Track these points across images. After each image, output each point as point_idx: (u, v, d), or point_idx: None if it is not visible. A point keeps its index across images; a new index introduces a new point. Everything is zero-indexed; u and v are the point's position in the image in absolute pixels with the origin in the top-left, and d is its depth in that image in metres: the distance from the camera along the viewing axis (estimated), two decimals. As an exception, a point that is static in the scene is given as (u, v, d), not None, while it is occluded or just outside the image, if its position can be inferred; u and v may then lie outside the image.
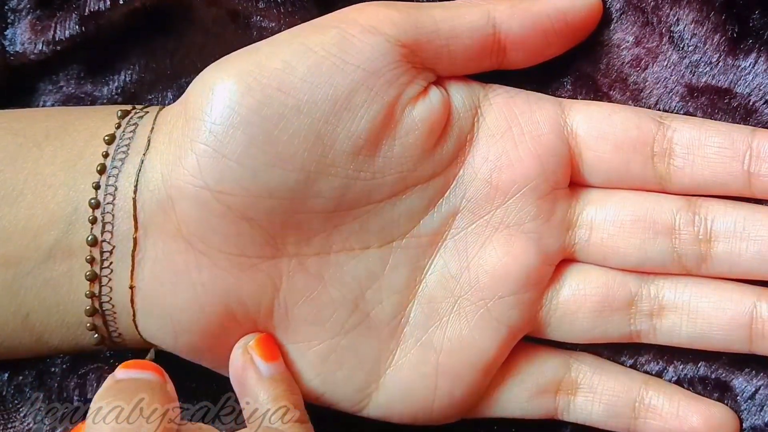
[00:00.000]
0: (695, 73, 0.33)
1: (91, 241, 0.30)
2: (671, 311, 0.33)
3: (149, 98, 0.36)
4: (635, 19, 0.33)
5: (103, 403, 0.26)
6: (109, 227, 0.30)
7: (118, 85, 0.36)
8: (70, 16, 0.35)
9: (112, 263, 0.31)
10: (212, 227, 0.30)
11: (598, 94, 0.34)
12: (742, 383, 0.34)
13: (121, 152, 0.31)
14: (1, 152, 0.31)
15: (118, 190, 0.30)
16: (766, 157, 0.31)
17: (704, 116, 0.33)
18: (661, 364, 0.34)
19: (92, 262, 0.31)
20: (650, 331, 0.33)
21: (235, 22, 0.36)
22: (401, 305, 0.32)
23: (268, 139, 0.29)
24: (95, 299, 0.31)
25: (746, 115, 0.32)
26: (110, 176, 0.30)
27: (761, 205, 0.32)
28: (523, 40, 0.32)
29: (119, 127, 0.31)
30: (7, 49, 0.35)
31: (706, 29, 0.32)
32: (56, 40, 0.35)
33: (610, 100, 0.34)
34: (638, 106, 0.33)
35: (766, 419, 0.33)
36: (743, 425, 0.33)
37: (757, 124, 0.32)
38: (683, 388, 0.34)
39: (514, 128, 0.32)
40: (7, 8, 0.35)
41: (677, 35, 0.33)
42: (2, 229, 0.30)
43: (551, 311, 0.33)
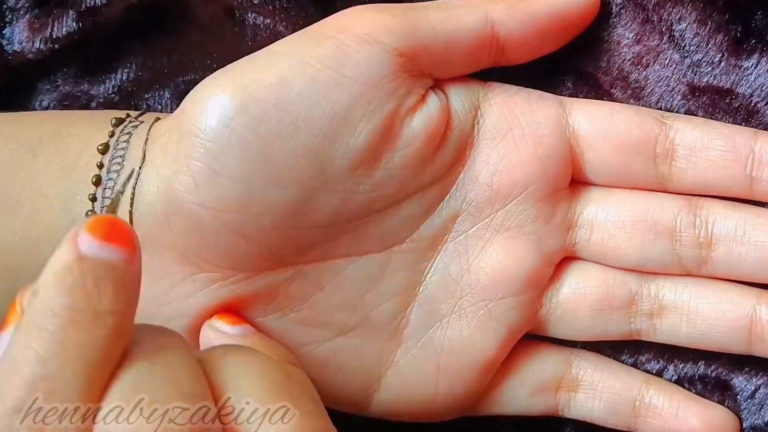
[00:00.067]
0: (697, 72, 0.33)
1: None
2: (671, 311, 0.33)
3: (146, 97, 0.36)
4: (635, 15, 0.33)
5: (55, 293, 0.22)
6: None
7: (114, 83, 0.36)
8: (67, 13, 0.35)
9: None
10: (208, 243, 0.29)
11: (599, 92, 0.34)
12: (742, 382, 0.34)
13: (116, 164, 0.30)
14: None
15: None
16: None
17: (705, 116, 0.33)
18: (661, 362, 0.34)
19: None
20: (650, 330, 0.33)
21: (231, 19, 0.35)
22: (401, 307, 0.32)
23: (265, 157, 0.29)
24: None
25: (748, 116, 0.32)
26: (106, 188, 0.30)
27: (763, 207, 0.32)
28: (521, 39, 0.31)
29: (113, 135, 0.31)
30: (5, 48, 0.35)
31: (708, 29, 0.32)
32: (54, 38, 0.35)
33: (611, 98, 0.33)
34: (639, 104, 0.33)
35: (765, 419, 0.33)
36: (743, 425, 0.33)
37: (758, 125, 0.32)
38: (683, 386, 0.34)
39: (515, 130, 0.32)
40: (5, 7, 0.35)
41: (678, 34, 0.32)
42: (2, 238, 0.30)
43: (551, 310, 0.33)
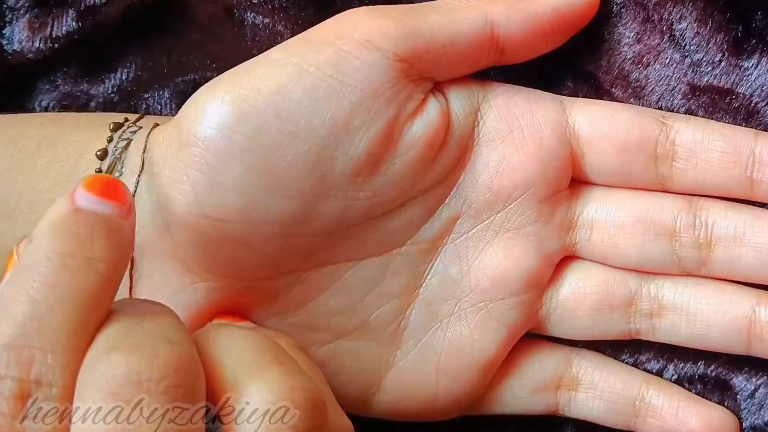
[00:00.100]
0: (697, 72, 0.33)
1: None
2: (670, 311, 0.33)
3: (145, 97, 0.36)
4: (636, 14, 0.33)
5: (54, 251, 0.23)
6: None
7: (114, 83, 0.36)
8: (66, 12, 0.35)
9: None
10: (209, 253, 0.29)
11: (599, 91, 0.33)
12: (741, 382, 0.34)
13: (115, 172, 0.30)
14: None
15: None
16: None
17: (705, 115, 0.33)
18: (661, 362, 0.34)
19: None
20: (649, 330, 0.33)
21: (230, 19, 0.35)
22: (401, 309, 0.32)
23: (265, 167, 0.28)
24: None
25: (748, 116, 0.32)
26: None
27: (763, 209, 0.32)
28: (521, 39, 0.31)
29: (111, 141, 0.31)
30: (5, 48, 0.35)
31: (709, 28, 0.32)
32: (53, 37, 0.35)
33: (611, 97, 0.33)
34: (640, 103, 0.33)
35: (765, 418, 0.33)
36: (743, 424, 0.34)
37: (758, 125, 0.32)
38: (683, 386, 0.34)
39: (515, 131, 0.32)
40: (5, 7, 0.35)
41: (679, 34, 0.32)
42: (2, 243, 0.30)
43: (551, 309, 0.33)
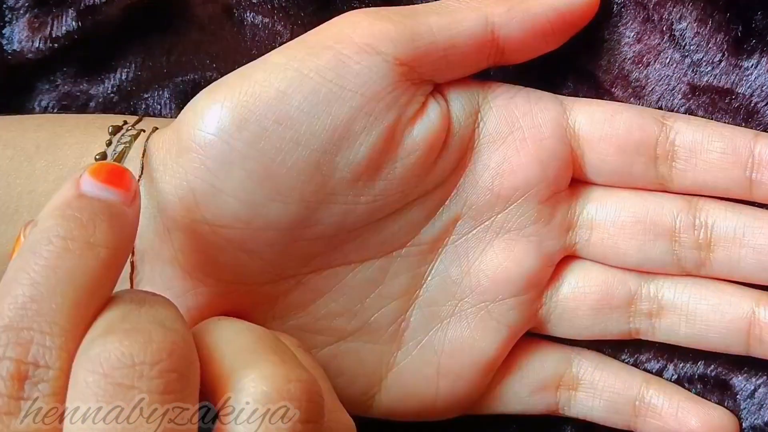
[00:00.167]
0: (697, 72, 0.33)
1: None
2: (670, 311, 0.33)
3: (145, 97, 0.36)
4: (636, 14, 0.33)
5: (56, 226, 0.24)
6: None
7: (114, 83, 0.36)
8: (66, 12, 0.35)
9: None
10: (210, 258, 0.29)
11: (599, 91, 0.33)
12: (741, 382, 0.34)
13: None
14: None
15: None
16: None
17: (705, 115, 0.33)
18: (661, 362, 0.34)
19: None
20: (649, 329, 0.33)
21: (230, 18, 0.35)
22: (401, 310, 0.32)
23: (265, 173, 0.28)
24: None
25: (748, 116, 0.32)
26: None
27: (762, 209, 0.32)
28: (521, 40, 0.31)
29: (110, 144, 0.30)
30: (4, 47, 0.35)
31: (709, 28, 0.32)
32: (53, 36, 0.35)
33: (611, 97, 0.33)
34: (640, 103, 0.33)
35: (765, 418, 0.33)
36: (743, 424, 0.34)
37: (758, 125, 0.32)
38: (683, 386, 0.34)
39: (515, 132, 0.32)
40: (5, 7, 0.35)
41: (679, 33, 0.32)
42: (1, 246, 0.30)
43: (551, 308, 0.33)
